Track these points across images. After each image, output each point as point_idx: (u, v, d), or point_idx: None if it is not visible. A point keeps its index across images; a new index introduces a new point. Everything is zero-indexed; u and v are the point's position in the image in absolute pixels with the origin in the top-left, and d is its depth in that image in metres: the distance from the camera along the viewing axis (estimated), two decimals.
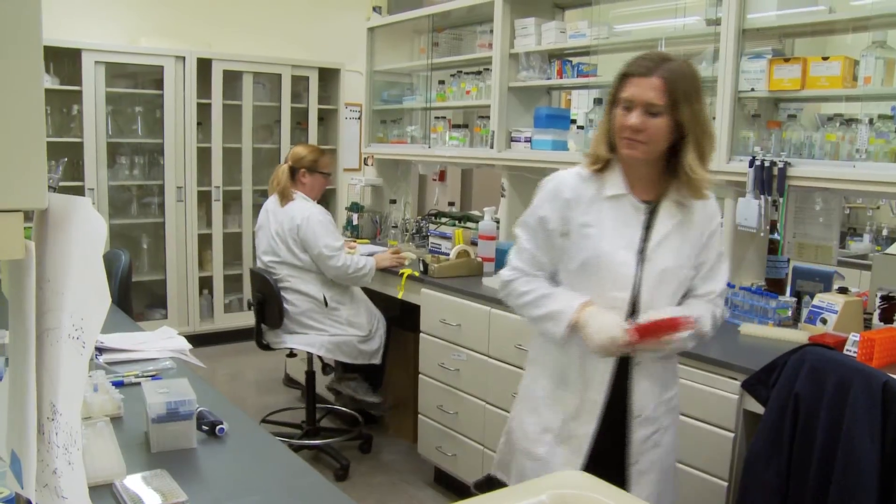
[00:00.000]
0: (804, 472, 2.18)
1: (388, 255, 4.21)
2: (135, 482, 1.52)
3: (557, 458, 2.13)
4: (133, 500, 1.45)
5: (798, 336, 2.76)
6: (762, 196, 2.92)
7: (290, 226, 3.90)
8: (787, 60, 2.89)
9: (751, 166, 2.93)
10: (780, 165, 2.85)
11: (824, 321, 2.80)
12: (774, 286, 3.18)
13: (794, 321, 2.99)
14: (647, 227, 2.04)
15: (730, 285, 3.07)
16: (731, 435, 2.52)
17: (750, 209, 2.96)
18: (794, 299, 3.04)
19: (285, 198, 3.98)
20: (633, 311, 2.05)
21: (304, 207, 3.93)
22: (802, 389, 2.20)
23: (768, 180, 2.88)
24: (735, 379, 2.50)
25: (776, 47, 3.07)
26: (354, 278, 3.97)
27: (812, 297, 2.94)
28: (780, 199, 2.93)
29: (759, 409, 2.40)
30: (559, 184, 2.12)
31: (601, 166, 2.06)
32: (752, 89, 2.97)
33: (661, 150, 1.97)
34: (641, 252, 2.03)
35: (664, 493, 2.18)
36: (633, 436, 2.10)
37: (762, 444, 2.28)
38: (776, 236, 3.19)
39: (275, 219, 3.98)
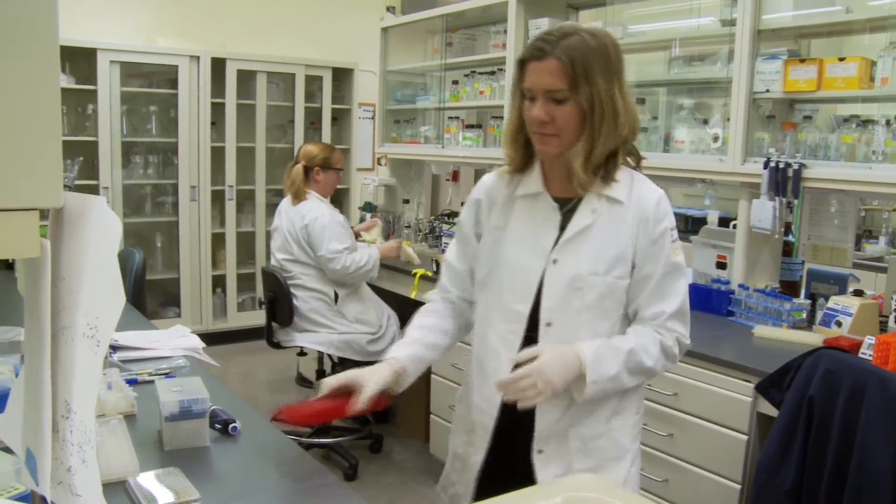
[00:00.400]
0: (818, 475, 2.16)
1: (389, 245, 4.24)
2: (148, 480, 1.53)
3: (459, 487, 1.93)
4: (146, 498, 1.46)
5: (812, 339, 2.74)
6: (777, 198, 2.90)
7: (300, 225, 3.92)
8: (802, 61, 2.88)
9: (765, 168, 2.92)
10: (795, 167, 2.84)
11: (839, 324, 2.78)
12: (789, 288, 3.17)
13: (809, 324, 2.98)
14: (564, 227, 1.76)
15: (743, 287, 3.06)
16: (745, 437, 2.51)
17: (764, 211, 2.94)
18: (808, 301, 3.02)
19: (298, 197, 3.99)
20: (534, 326, 1.75)
21: (314, 208, 3.95)
22: (817, 392, 2.19)
23: (783, 182, 2.87)
24: (749, 381, 2.49)
25: (792, 48, 3.05)
26: (358, 276, 3.98)
27: (827, 299, 2.92)
28: (795, 201, 2.91)
29: (772, 411, 2.39)
30: (477, 186, 1.94)
31: (518, 166, 1.84)
32: (767, 90, 2.96)
33: (579, 140, 1.69)
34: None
35: None
36: (537, 475, 1.76)
37: (776, 446, 2.27)
38: (791, 238, 3.18)
39: (287, 218, 4.00)
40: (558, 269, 1.73)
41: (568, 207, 1.77)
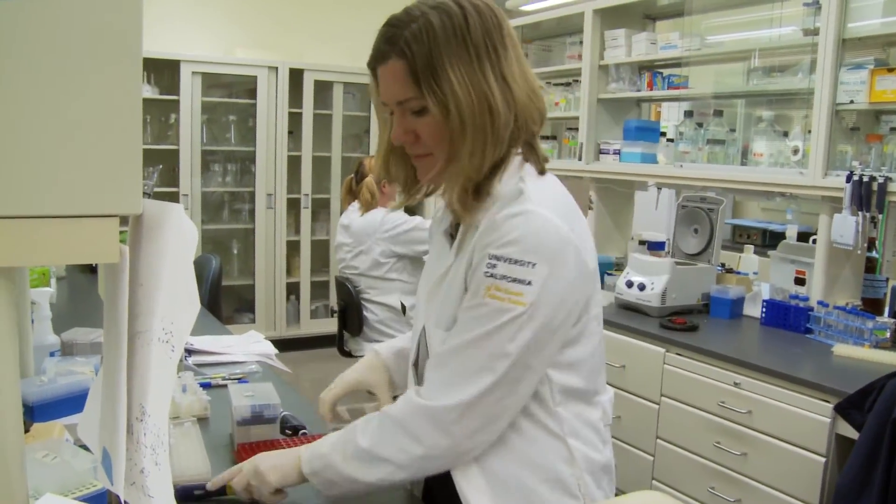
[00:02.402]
0: None
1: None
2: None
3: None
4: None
5: None
6: (860, 212, 2.81)
7: (373, 239, 3.96)
8: (890, 70, 2.78)
9: (848, 181, 2.83)
10: (880, 181, 2.74)
11: None
12: (871, 306, 3.06)
13: (893, 343, 2.87)
14: None
15: (823, 304, 2.97)
16: (823, 460, 2.44)
17: (846, 226, 2.85)
18: (892, 320, 2.91)
19: (370, 207, 4.03)
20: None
21: (375, 216, 3.99)
22: None
23: (867, 196, 2.78)
24: (828, 402, 2.41)
25: (879, 57, 2.96)
26: None
27: None
28: (880, 216, 2.82)
29: (852, 433, 2.31)
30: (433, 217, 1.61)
31: (419, 190, 1.43)
32: (852, 101, 2.87)
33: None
34: None
35: None
36: None
37: (856, 470, 2.19)
38: (874, 254, 3.08)
39: (350, 234, 4.05)
40: (429, 320, 1.40)
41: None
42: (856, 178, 2.80)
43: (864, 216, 2.82)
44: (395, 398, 1.41)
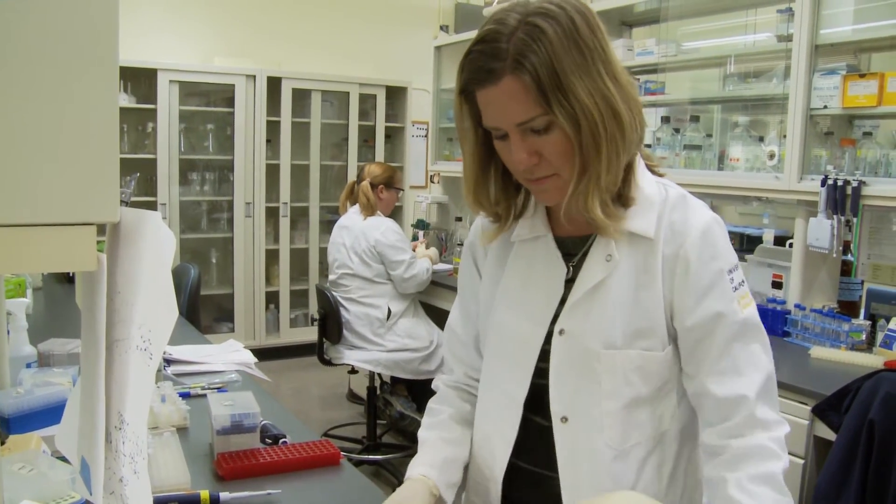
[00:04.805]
0: (880, 501, 2.10)
1: (427, 254, 4.40)
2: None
3: None
4: None
5: (872, 360, 2.67)
6: (835, 216, 2.84)
7: (366, 238, 3.99)
8: (862, 76, 2.82)
9: (823, 185, 2.86)
10: (854, 184, 2.78)
11: None
12: (847, 309, 3.09)
13: (869, 345, 2.90)
14: (573, 281, 1.29)
15: (800, 307, 3.00)
16: (801, 462, 2.45)
17: (822, 229, 2.88)
18: (868, 322, 2.94)
19: (369, 211, 4.07)
20: (538, 410, 1.32)
21: (380, 222, 4.04)
22: (877, 416, 2.13)
23: (841, 200, 2.81)
24: (805, 404, 2.44)
25: (851, 62, 2.99)
26: (426, 279, 4.12)
27: (888, 320, 2.84)
28: (854, 219, 2.85)
29: (830, 435, 2.33)
30: (472, 229, 1.50)
31: (515, 215, 1.36)
32: (825, 106, 2.90)
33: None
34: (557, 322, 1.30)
35: None
36: None
37: (834, 471, 2.22)
38: (849, 257, 3.11)
39: (350, 233, 4.06)
40: (566, 342, 1.28)
41: (578, 254, 1.31)
42: (830, 182, 2.83)
43: (839, 220, 2.85)
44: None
